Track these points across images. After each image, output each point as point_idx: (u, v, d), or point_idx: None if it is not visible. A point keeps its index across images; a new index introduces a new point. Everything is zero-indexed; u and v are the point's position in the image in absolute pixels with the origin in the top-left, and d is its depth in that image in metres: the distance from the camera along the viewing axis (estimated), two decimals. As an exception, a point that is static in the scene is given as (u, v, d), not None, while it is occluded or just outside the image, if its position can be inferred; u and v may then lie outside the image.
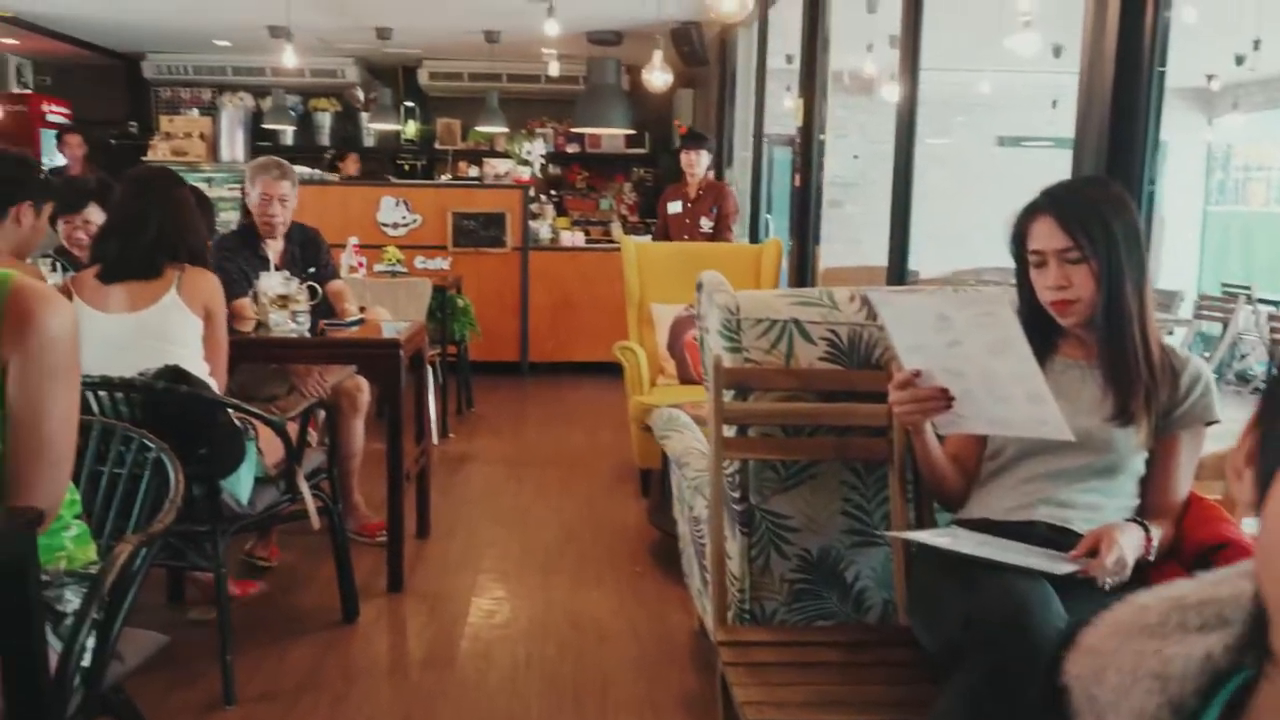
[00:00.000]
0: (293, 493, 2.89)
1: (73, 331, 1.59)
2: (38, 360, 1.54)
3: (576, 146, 9.53)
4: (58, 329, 1.55)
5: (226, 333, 2.96)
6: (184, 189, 2.99)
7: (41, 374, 1.54)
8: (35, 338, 1.53)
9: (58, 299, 1.58)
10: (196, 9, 7.34)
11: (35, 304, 1.54)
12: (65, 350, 1.57)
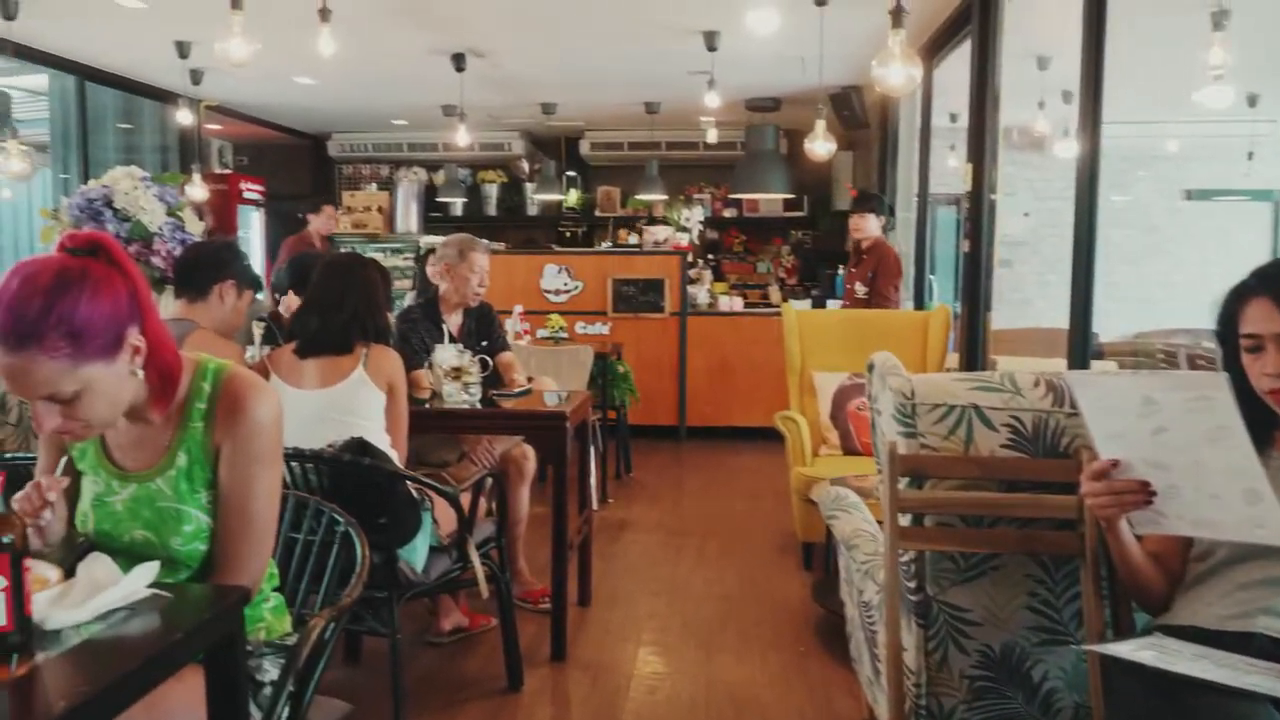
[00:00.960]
0: (464, 561, 2.97)
1: (278, 418, 1.70)
2: (247, 445, 1.65)
3: (734, 211, 9.60)
4: (265, 416, 1.67)
5: (407, 406, 3.10)
6: (375, 272, 3.19)
7: (250, 458, 1.65)
8: (246, 424, 1.64)
9: (266, 389, 1.70)
10: (378, 93, 7.88)
11: (246, 393, 1.66)
12: (271, 436, 1.69)
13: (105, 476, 1.67)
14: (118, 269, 1.49)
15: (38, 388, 1.42)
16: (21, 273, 1.41)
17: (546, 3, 5.34)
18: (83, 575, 1.51)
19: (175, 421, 1.65)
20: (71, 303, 1.40)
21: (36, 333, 1.38)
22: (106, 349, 1.45)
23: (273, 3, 4.52)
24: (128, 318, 1.48)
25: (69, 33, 6.10)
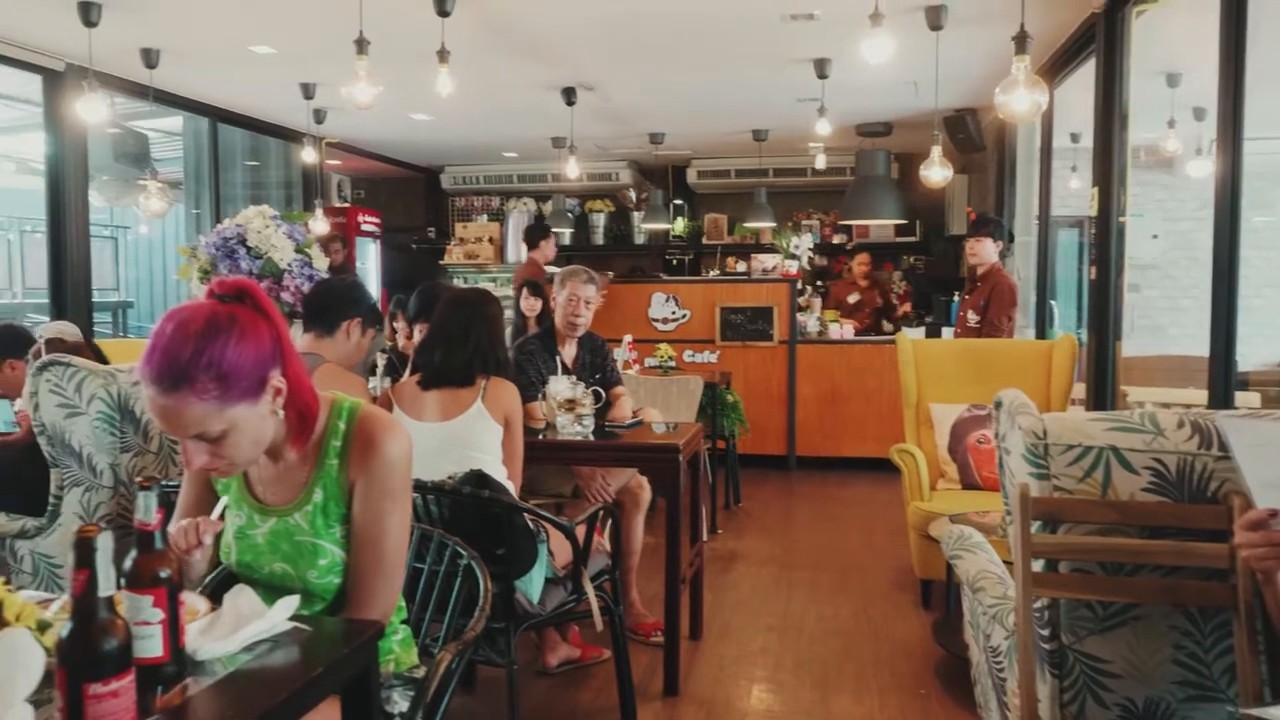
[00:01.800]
0: (579, 593, 2.99)
1: (409, 456, 1.75)
2: (379, 482, 1.70)
3: (844, 237, 9.49)
4: (397, 454, 1.71)
5: (522, 439, 3.15)
6: (497, 307, 3.26)
7: (382, 494, 1.70)
8: (379, 462, 1.69)
9: (398, 427, 1.74)
10: (490, 127, 8.09)
11: (380, 432, 1.71)
12: (402, 474, 1.73)
13: (247, 510, 1.74)
14: (262, 314, 1.56)
15: (188, 427, 1.49)
16: (176, 318, 1.49)
17: (658, 37, 5.40)
18: (228, 607, 1.57)
19: (312, 459, 1.71)
20: (220, 347, 1.47)
21: (188, 376, 1.45)
22: (251, 391, 1.52)
23: (392, 45, 4.70)
24: (271, 361, 1.55)
25: (204, 78, 6.47)
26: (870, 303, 8.27)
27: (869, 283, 8.44)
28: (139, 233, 11.50)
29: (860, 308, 8.20)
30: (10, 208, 10.48)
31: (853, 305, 8.20)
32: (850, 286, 8.44)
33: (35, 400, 3.11)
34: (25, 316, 9.07)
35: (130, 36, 5.35)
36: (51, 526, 3.17)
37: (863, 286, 8.40)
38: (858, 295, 8.31)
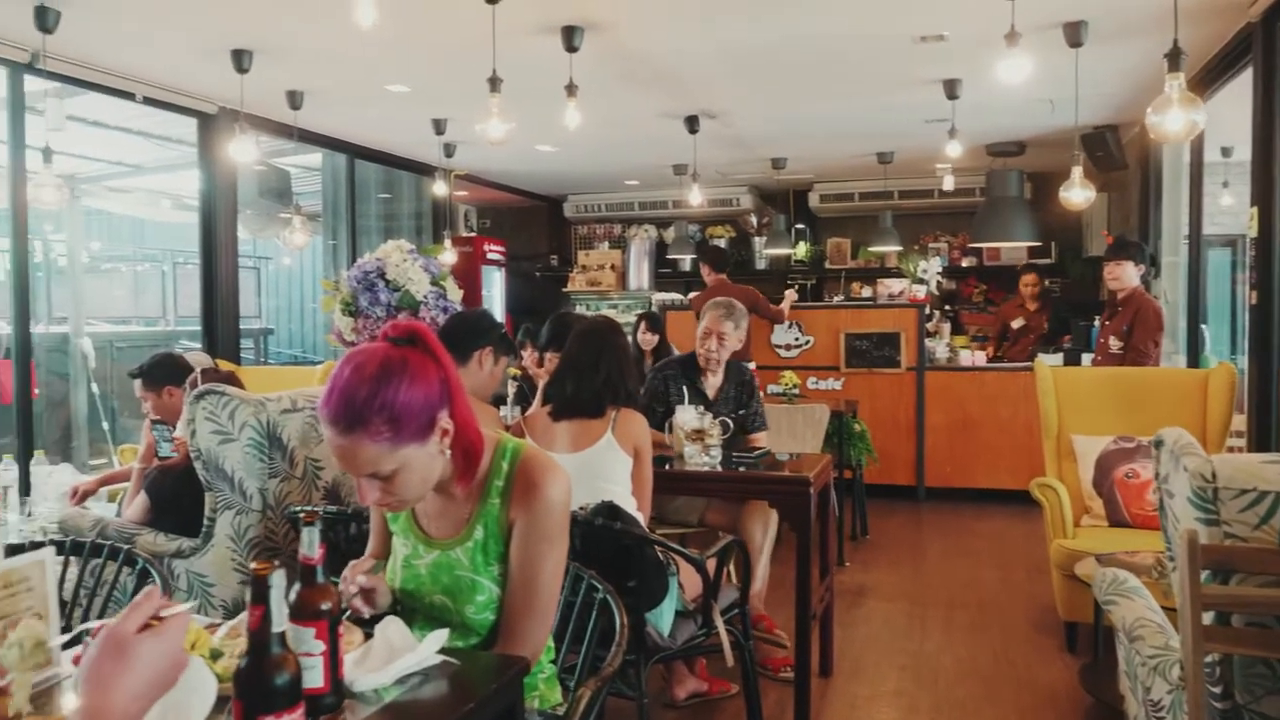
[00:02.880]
0: (709, 627, 2.95)
1: (568, 499, 1.77)
2: (538, 523, 1.72)
3: (973, 260, 9.21)
4: (557, 496, 1.74)
5: (652, 470, 3.15)
6: (625, 338, 3.28)
7: (540, 536, 1.72)
8: (539, 503, 1.72)
9: (558, 470, 1.77)
10: (612, 156, 8.21)
11: (541, 474, 1.74)
12: (561, 515, 1.76)
13: (414, 541, 1.80)
14: (432, 357, 1.61)
15: (362, 466, 1.55)
16: (353, 362, 1.56)
17: (784, 64, 5.38)
18: (379, 639, 1.61)
19: (476, 497, 1.75)
20: (393, 391, 1.53)
21: (363, 418, 1.51)
22: (421, 432, 1.56)
23: (521, 80, 4.82)
24: (439, 402, 1.59)
25: (343, 117, 6.77)
26: (1036, 328, 7.57)
27: (1038, 305, 7.67)
28: (280, 264, 12.10)
29: (1025, 334, 7.58)
30: (166, 241, 11.20)
31: (1016, 331, 7.62)
32: (1018, 310, 7.77)
33: (192, 427, 3.29)
34: (178, 343, 9.64)
35: (277, 80, 5.65)
36: (205, 547, 3.33)
37: (1030, 310, 7.67)
38: (1023, 320, 7.66)
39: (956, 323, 8.69)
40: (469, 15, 4.25)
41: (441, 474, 1.67)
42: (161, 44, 5.05)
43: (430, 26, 4.69)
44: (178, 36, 4.93)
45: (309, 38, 4.95)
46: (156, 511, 3.56)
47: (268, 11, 4.53)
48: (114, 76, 5.49)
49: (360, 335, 3.81)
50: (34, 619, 1.40)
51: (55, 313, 8.90)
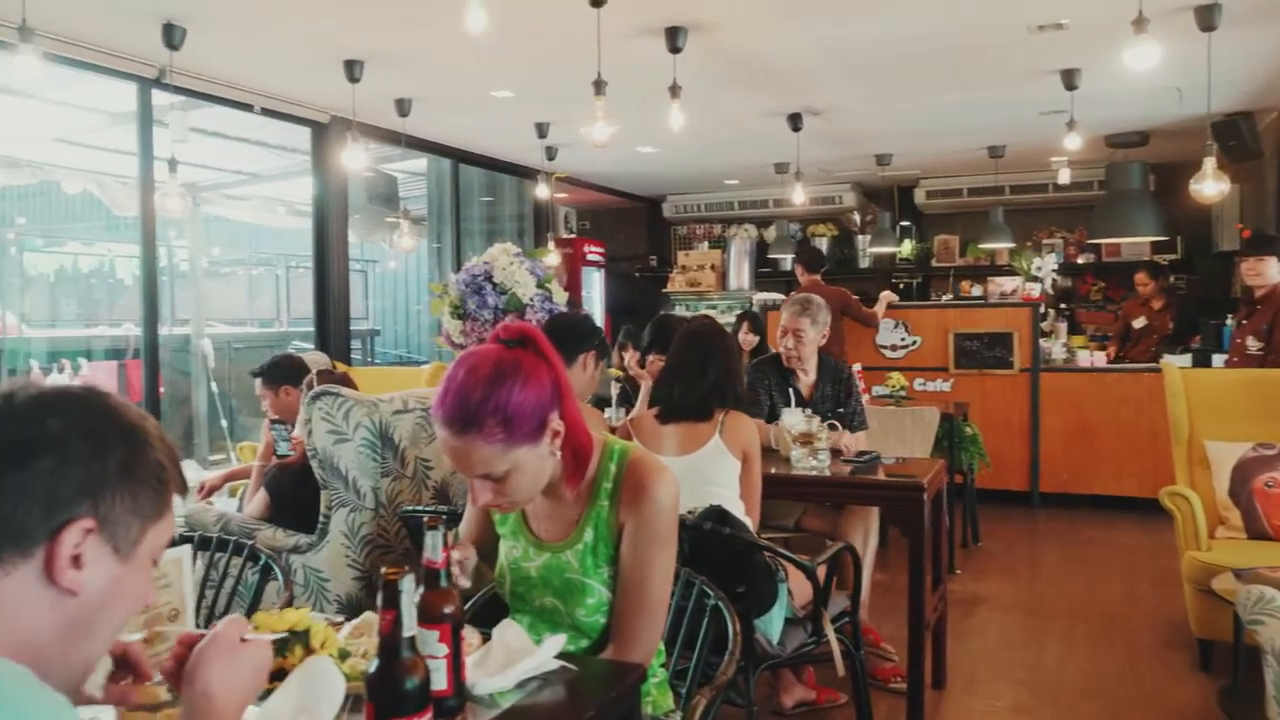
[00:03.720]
0: (818, 635, 2.89)
1: (676, 501, 1.75)
2: (648, 526, 1.70)
3: (1090, 256, 8.83)
4: (666, 499, 1.72)
5: (760, 474, 3.10)
6: (732, 339, 3.25)
7: (650, 538, 1.70)
8: (648, 506, 1.70)
9: (667, 472, 1.75)
10: (713, 155, 8.16)
11: (649, 476, 1.72)
12: (670, 518, 1.73)
13: (523, 543, 1.80)
14: (544, 359, 1.61)
15: (475, 467, 1.56)
16: (466, 364, 1.57)
17: (891, 59, 5.26)
18: (497, 641, 1.61)
19: (585, 499, 1.74)
20: (506, 392, 1.53)
21: (476, 419, 1.52)
22: (533, 433, 1.56)
23: (624, 83, 4.82)
24: (550, 404, 1.59)
25: (449, 123, 6.90)
26: (1160, 328, 7.18)
27: (1163, 303, 7.29)
28: (386, 267, 12.41)
29: (1147, 334, 7.21)
30: (280, 246, 11.63)
31: (1139, 331, 7.27)
32: (1140, 309, 7.38)
33: (309, 427, 3.39)
34: (290, 343, 9.99)
35: (387, 89, 5.79)
36: (321, 543, 3.42)
37: (1154, 309, 7.30)
38: (1145, 320, 7.28)
39: (1073, 322, 8.33)
40: (574, 19, 4.27)
41: (552, 475, 1.67)
42: (278, 57, 5.23)
43: (535, 31, 4.73)
44: (294, 49, 5.10)
45: (418, 47, 5.06)
46: (275, 508, 3.68)
47: (380, 22, 4.65)
48: (234, 89, 5.72)
49: (469, 338, 3.86)
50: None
51: (178, 315, 9.31)
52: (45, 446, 0.88)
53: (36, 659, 0.87)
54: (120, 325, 9.46)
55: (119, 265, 10.45)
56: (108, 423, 0.93)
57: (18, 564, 0.86)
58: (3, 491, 0.86)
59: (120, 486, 0.91)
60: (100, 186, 7.93)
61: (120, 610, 0.95)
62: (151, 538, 0.96)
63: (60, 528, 0.87)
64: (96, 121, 6.68)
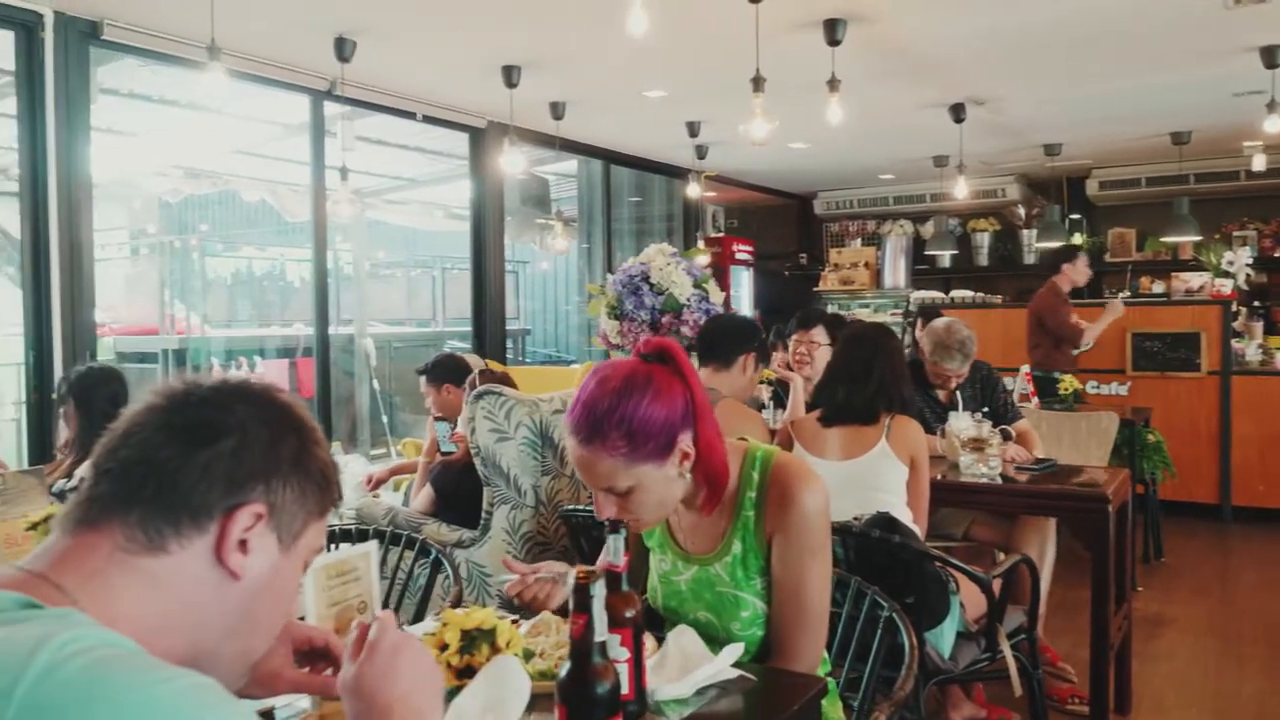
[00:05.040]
0: (992, 651, 2.75)
1: (827, 507, 1.68)
2: (798, 536, 1.64)
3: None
4: (815, 506, 1.65)
5: (929, 481, 2.97)
6: (898, 342, 3.13)
7: (802, 549, 1.64)
8: (796, 515, 1.63)
9: (814, 477, 1.68)
10: (867, 150, 7.94)
11: (795, 483, 1.65)
12: (821, 526, 1.66)
13: (671, 557, 1.76)
14: (680, 377, 1.57)
15: (598, 479, 1.54)
16: (599, 374, 1.56)
17: (1066, 44, 4.96)
18: (672, 646, 1.58)
19: (729, 510, 1.69)
20: (633, 406, 1.50)
21: (601, 430, 1.50)
22: (658, 452, 1.53)
23: (778, 78, 4.73)
24: (681, 424, 1.55)
25: (601, 124, 6.96)
26: None
27: None
28: (537, 268, 12.70)
29: None
30: (435, 248, 12.07)
31: None
32: None
33: (472, 425, 3.47)
34: (446, 343, 10.34)
35: (542, 93, 5.89)
36: (483, 539, 3.50)
37: None
38: None
39: (1269, 321, 7.65)
40: (731, 15, 4.22)
41: (683, 496, 1.63)
42: (440, 65, 5.40)
43: (692, 29, 4.70)
44: (455, 57, 5.25)
45: (574, 50, 5.12)
46: (440, 503, 3.79)
47: (538, 28, 4.72)
48: (398, 98, 5.94)
49: (625, 338, 3.87)
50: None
51: (341, 315, 9.80)
52: (230, 429, 0.92)
53: (201, 646, 0.89)
54: (291, 325, 10.04)
55: (289, 268, 11.09)
56: (284, 415, 0.97)
57: (193, 539, 0.89)
58: (189, 467, 0.89)
59: (290, 477, 0.94)
60: (273, 194, 8.43)
61: (275, 604, 0.96)
62: (310, 535, 0.98)
63: (234, 508, 0.90)
64: (271, 133, 7.08)
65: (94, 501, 0.88)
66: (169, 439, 0.89)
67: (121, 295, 9.64)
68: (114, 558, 0.86)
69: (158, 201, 9.06)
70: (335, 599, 1.43)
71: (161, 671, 0.74)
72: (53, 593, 0.82)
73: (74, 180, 4.42)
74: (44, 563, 0.86)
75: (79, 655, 0.71)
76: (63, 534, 0.88)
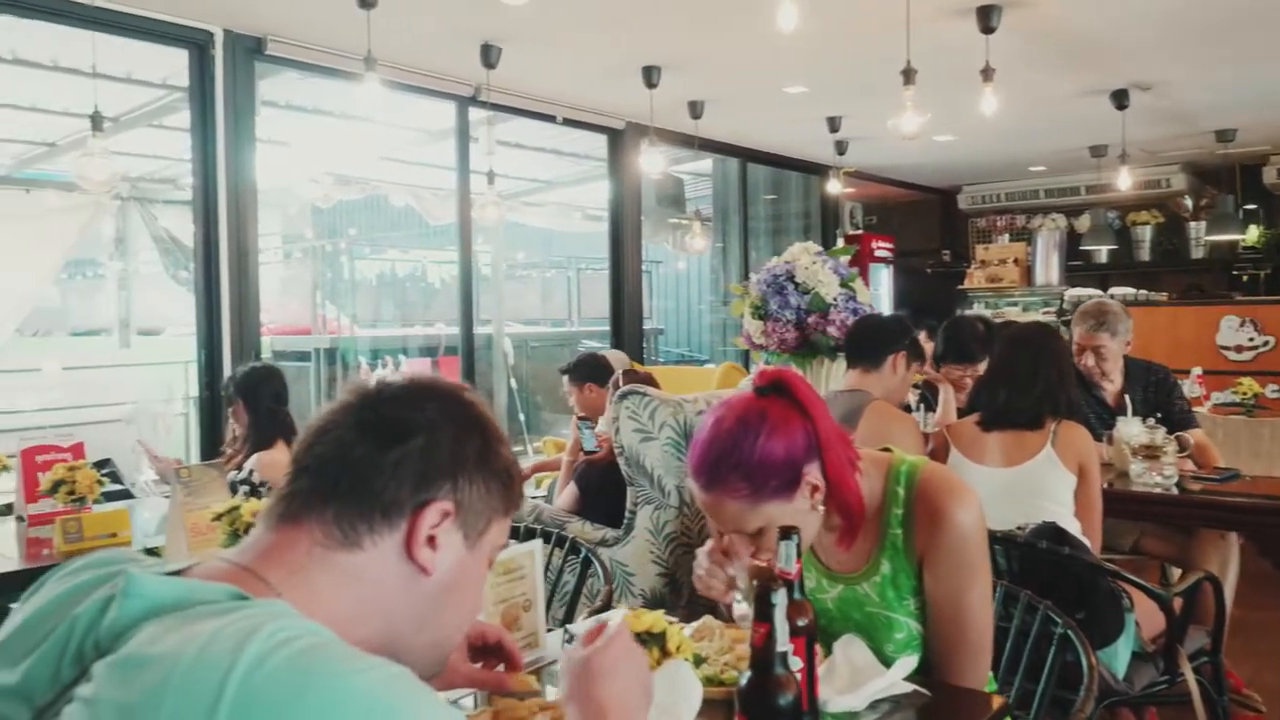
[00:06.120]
0: (1171, 674, 2.57)
1: (982, 521, 1.58)
2: (952, 554, 1.55)
3: None
4: (969, 522, 1.55)
5: (1099, 491, 2.80)
6: (1064, 343, 2.98)
7: (958, 568, 1.55)
8: (948, 532, 1.54)
9: (965, 490, 1.58)
10: (1017, 141, 7.60)
11: (945, 498, 1.56)
12: (977, 542, 1.57)
13: (815, 574, 1.69)
14: (798, 408, 1.49)
15: (725, 523, 1.49)
16: (714, 415, 1.49)
17: (1249, 15, 4.60)
18: (840, 656, 1.53)
19: (874, 527, 1.61)
20: (749, 446, 1.43)
21: (719, 475, 1.44)
22: (782, 489, 1.45)
23: (925, 69, 4.57)
24: (804, 457, 1.47)
25: (739, 122, 6.91)
26: None
27: None
28: (672, 267, 12.73)
29: None
30: (570, 249, 12.27)
31: None
32: None
33: (616, 424, 3.48)
34: (580, 343, 10.49)
35: (682, 92, 5.88)
36: (627, 538, 3.50)
37: None
38: None
39: None
40: (880, 6, 4.11)
41: (819, 527, 1.56)
42: (581, 68, 5.46)
43: (838, 23, 4.59)
44: (596, 60, 5.29)
45: (715, 49, 5.09)
46: (584, 502, 3.82)
47: (680, 28, 4.72)
48: (539, 101, 6.04)
49: (770, 338, 3.80)
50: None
51: (480, 316, 10.06)
52: (419, 427, 0.93)
53: (393, 637, 0.92)
54: (432, 325, 10.38)
55: (429, 270, 11.48)
56: (470, 414, 0.98)
57: (384, 535, 0.91)
58: (382, 465, 0.91)
59: (476, 474, 0.95)
60: (416, 198, 8.72)
61: (463, 599, 0.98)
62: (494, 533, 0.99)
63: (423, 505, 0.91)
64: (415, 139, 7.32)
65: (294, 497, 0.91)
66: (361, 436, 0.91)
67: (276, 297, 10.18)
68: (313, 553, 0.89)
69: (310, 207, 9.50)
70: (501, 596, 1.44)
71: (362, 661, 0.76)
72: (259, 585, 0.85)
73: (241, 189, 4.67)
74: (250, 556, 0.89)
75: (285, 645, 0.73)
76: (265, 528, 0.92)
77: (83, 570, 0.86)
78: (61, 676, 0.78)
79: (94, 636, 0.78)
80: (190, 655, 0.72)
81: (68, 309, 11.01)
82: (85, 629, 0.79)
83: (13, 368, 6.97)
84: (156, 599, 0.78)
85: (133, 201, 7.84)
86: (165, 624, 0.76)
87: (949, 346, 3.92)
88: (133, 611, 0.78)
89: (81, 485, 2.68)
